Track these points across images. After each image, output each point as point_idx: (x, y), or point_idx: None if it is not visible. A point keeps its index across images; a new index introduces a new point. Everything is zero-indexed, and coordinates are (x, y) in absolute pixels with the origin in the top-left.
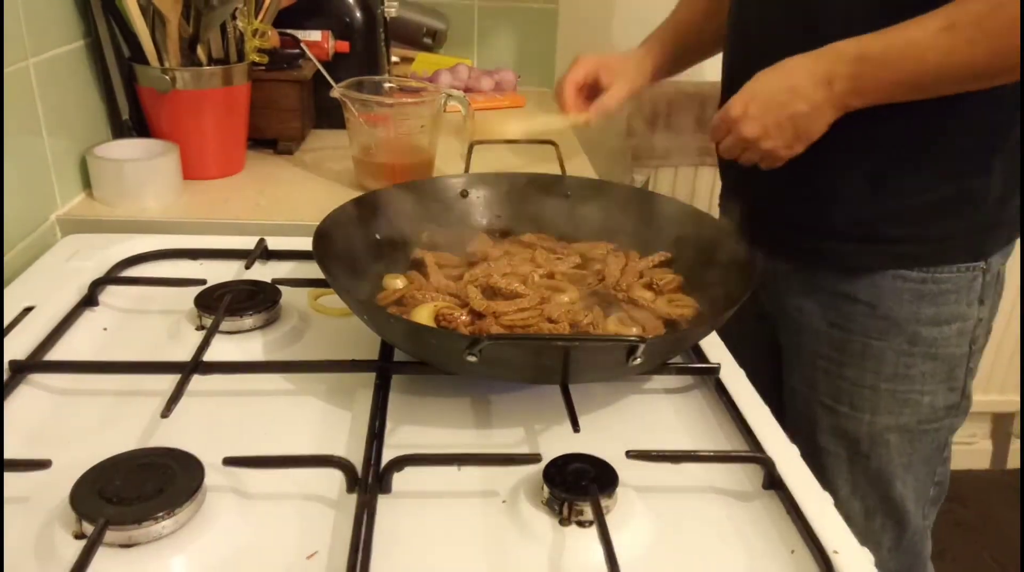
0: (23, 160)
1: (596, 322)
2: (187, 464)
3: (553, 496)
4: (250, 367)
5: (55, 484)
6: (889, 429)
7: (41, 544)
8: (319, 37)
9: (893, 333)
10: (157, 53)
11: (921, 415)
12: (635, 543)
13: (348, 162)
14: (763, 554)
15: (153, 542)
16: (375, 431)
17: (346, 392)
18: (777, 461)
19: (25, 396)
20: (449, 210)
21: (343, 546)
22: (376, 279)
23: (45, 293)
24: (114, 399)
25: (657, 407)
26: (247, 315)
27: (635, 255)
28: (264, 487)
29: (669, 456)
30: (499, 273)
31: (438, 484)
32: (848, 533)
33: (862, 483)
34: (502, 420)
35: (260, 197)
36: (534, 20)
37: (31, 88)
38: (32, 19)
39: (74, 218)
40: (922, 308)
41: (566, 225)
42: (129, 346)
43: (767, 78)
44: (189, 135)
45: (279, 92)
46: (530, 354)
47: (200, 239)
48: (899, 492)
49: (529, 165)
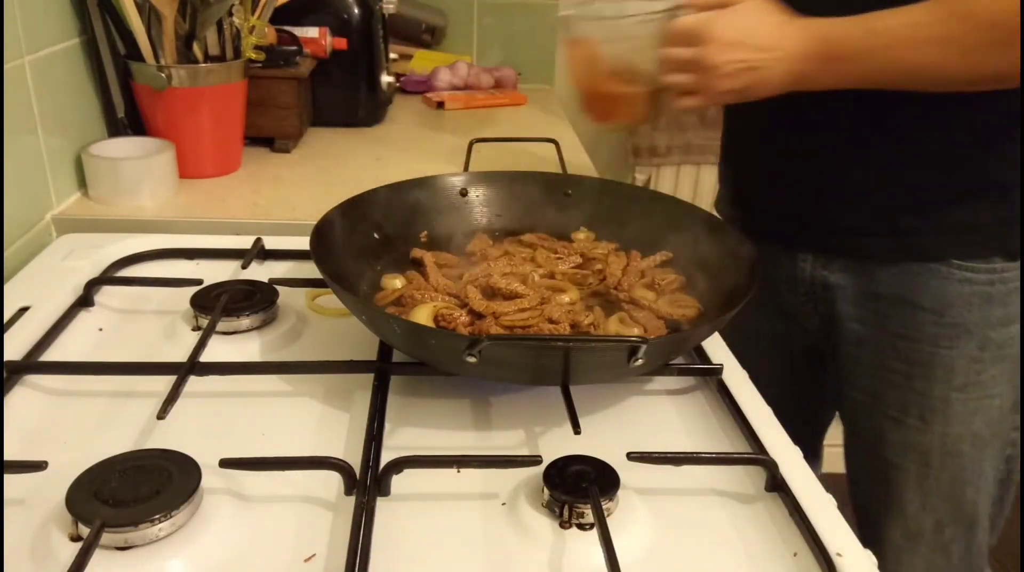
0: (18, 159)
1: (597, 323)
2: (184, 466)
3: (554, 498)
4: (247, 368)
5: (51, 486)
6: (961, 439)
7: (37, 546)
8: (316, 34)
9: (963, 340)
10: (153, 50)
11: (992, 419)
12: (636, 546)
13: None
14: (766, 557)
15: (149, 544)
16: (373, 432)
17: (344, 393)
18: (780, 463)
19: (20, 397)
20: (448, 209)
21: (341, 549)
22: (374, 279)
23: (40, 293)
24: (110, 400)
25: (659, 408)
26: (244, 315)
27: (636, 255)
28: (261, 489)
29: (671, 458)
30: (499, 273)
31: (437, 486)
32: (851, 535)
33: (933, 497)
34: (502, 421)
35: (257, 196)
36: (534, 17)
37: (27, 86)
38: (28, 17)
39: (69, 217)
40: (992, 310)
41: (567, 224)
42: (125, 347)
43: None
44: (185, 133)
45: (276, 89)
46: (530, 355)
47: (196, 239)
48: (971, 499)
49: (530, 164)
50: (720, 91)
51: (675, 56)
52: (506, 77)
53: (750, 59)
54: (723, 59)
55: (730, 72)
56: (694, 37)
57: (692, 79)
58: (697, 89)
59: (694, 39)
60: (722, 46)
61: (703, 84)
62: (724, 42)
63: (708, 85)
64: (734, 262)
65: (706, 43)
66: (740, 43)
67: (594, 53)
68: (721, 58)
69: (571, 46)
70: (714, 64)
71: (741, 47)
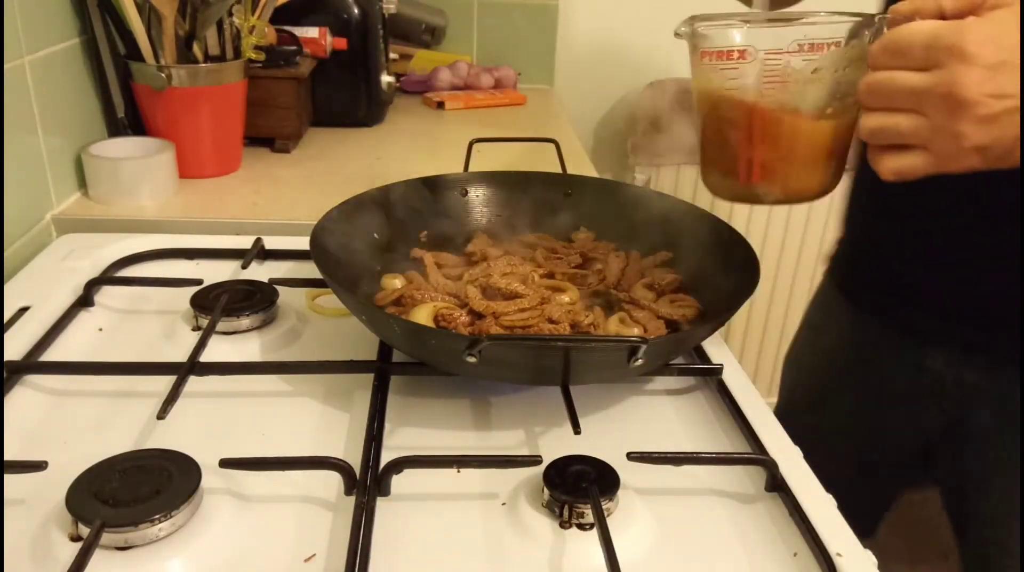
0: (18, 159)
1: (597, 322)
2: (184, 466)
3: (554, 498)
4: (247, 368)
5: (51, 486)
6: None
7: (37, 546)
8: (316, 34)
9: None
10: (153, 50)
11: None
12: (636, 546)
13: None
14: (765, 557)
15: (149, 544)
16: (373, 432)
17: (344, 393)
18: (780, 463)
19: (20, 397)
20: (448, 209)
21: (341, 549)
22: (374, 279)
23: (40, 293)
24: (110, 400)
25: (659, 408)
26: (244, 315)
27: (636, 255)
28: (261, 489)
29: (671, 458)
30: (499, 273)
31: (437, 486)
32: (851, 535)
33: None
34: (502, 421)
35: (257, 196)
36: (534, 16)
37: (27, 86)
38: (28, 17)
39: (69, 217)
40: None
41: (567, 224)
42: (125, 347)
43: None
44: (185, 133)
45: (276, 90)
46: (530, 355)
47: (196, 239)
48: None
49: (530, 164)
50: (968, 146)
51: (895, 85)
52: (506, 77)
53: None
54: (984, 90)
55: (991, 114)
56: (935, 52)
57: (922, 125)
58: (928, 142)
59: (934, 56)
60: (983, 70)
61: (942, 133)
62: (987, 62)
63: (951, 135)
64: (734, 262)
65: (958, 61)
66: (1015, 66)
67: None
68: (980, 89)
69: (719, 62)
70: (969, 99)
71: (1016, 73)
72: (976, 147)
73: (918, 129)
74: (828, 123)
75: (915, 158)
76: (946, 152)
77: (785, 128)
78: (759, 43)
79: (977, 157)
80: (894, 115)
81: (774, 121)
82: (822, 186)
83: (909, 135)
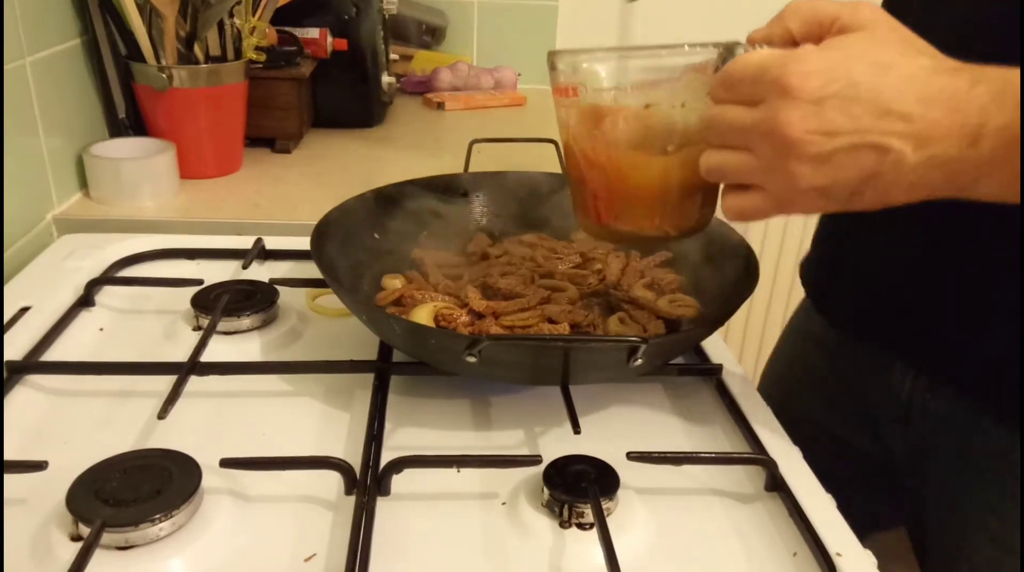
0: (19, 159)
1: (596, 322)
2: (184, 466)
3: (553, 498)
4: (247, 368)
5: (51, 486)
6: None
7: (37, 546)
8: (317, 35)
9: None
10: (154, 51)
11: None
12: (636, 545)
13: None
14: (765, 557)
15: (150, 544)
16: (373, 432)
17: (344, 393)
18: (779, 463)
19: (21, 397)
20: (449, 209)
21: (341, 549)
22: (375, 279)
23: (41, 293)
24: (110, 400)
25: (658, 408)
26: (244, 315)
27: (636, 255)
28: (262, 489)
29: (670, 457)
30: (499, 273)
31: (437, 486)
32: (851, 535)
33: None
34: (502, 421)
35: (258, 196)
36: (534, 17)
37: (28, 87)
38: (29, 17)
39: (70, 218)
40: None
41: (567, 224)
42: (125, 347)
43: (880, 57)
44: (186, 134)
45: (277, 90)
46: (530, 355)
47: (197, 239)
48: None
49: (530, 164)
50: (804, 186)
51: (724, 121)
52: (506, 77)
53: (864, 131)
54: (808, 127)
55: (822, 153)
56: (760, 86)
57: (754, 165)
58: (764, 182)
59: (760, 90)
60: (808, 104)
61: (775, 173)
62: (811, 96)
63: (784, 175)
64: (734, 262)
65: (779, 96)
66: (845, 99)
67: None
68: (804, 126)
69: (561, 99)
70: (791, 137)
71: (847, 107)
72: (814, 188)
73: (751, 169)
74: (672, 159)
75: (755, 199)
76: (782, 193)
77: (616, 167)
78: (597, 80)
79: (820, 199)
80: (728, 153)
81: (605, 160)
82: (687, 222)
83: (743, 174)
